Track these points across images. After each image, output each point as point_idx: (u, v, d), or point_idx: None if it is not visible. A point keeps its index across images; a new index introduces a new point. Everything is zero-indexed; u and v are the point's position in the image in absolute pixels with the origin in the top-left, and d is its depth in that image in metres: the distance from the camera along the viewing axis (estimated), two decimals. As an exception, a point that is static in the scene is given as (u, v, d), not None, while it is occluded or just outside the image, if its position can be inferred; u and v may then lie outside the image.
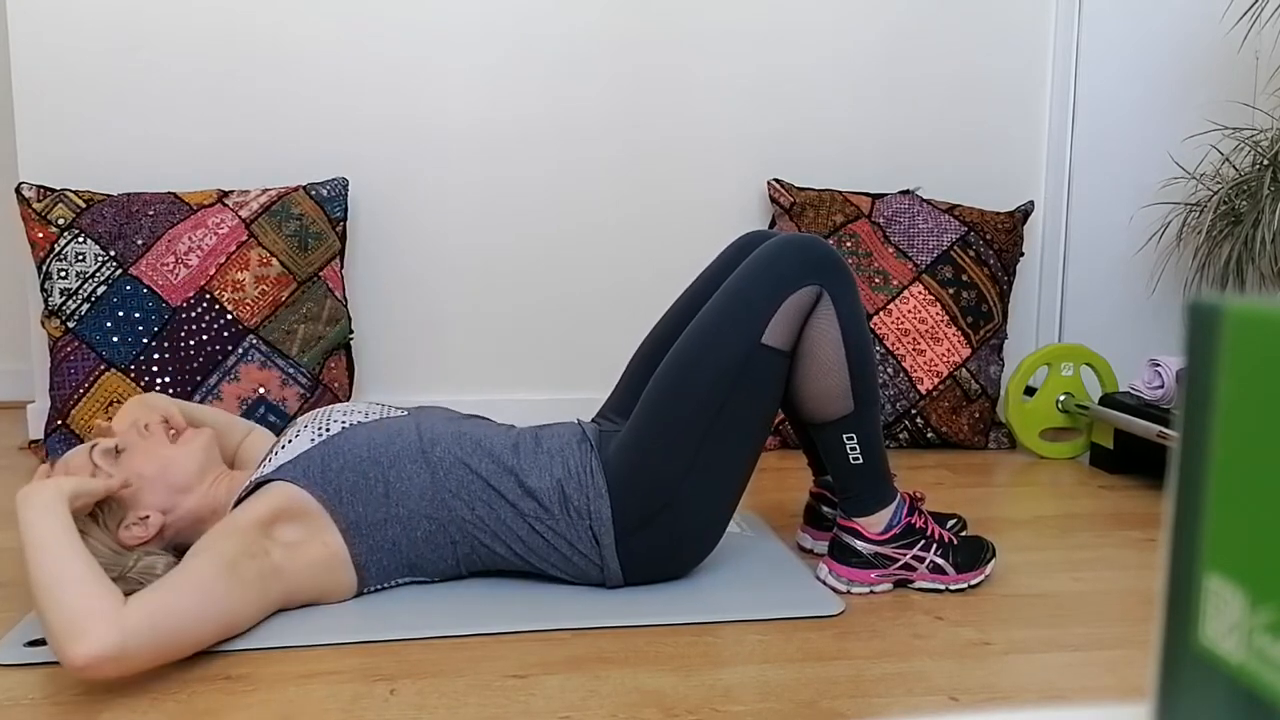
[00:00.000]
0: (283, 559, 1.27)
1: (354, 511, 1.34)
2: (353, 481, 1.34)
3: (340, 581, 1.34)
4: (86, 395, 2.10)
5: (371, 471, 1.35)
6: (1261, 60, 2.47)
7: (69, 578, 1.08)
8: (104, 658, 1.04)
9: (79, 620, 1.05)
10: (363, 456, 1.36)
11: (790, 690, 1.15)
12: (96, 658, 1.04)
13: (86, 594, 1.07)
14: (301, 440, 1.39)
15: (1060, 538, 1.72)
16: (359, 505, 1.34)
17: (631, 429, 1.40)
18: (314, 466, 1.35)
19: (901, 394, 2.32)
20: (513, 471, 1.38)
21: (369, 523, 1.34)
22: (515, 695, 1.13)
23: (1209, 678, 0.28)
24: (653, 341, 1.58)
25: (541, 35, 2.41)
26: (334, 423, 1.41)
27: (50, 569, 1.09)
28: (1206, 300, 0.29)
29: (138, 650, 1.07)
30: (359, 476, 1.35)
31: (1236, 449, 0.27)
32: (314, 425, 1.42)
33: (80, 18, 2.26)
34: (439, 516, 1.37)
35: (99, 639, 1.04)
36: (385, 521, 1.35)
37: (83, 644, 1.04)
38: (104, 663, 1.05)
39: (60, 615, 1.06)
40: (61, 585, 1.07)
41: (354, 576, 1.36)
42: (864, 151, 2.56)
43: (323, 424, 1.42)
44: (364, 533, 1.34)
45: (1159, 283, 2.58)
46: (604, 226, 2.49)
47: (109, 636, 1.05)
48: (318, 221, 2.24)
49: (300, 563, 1.30)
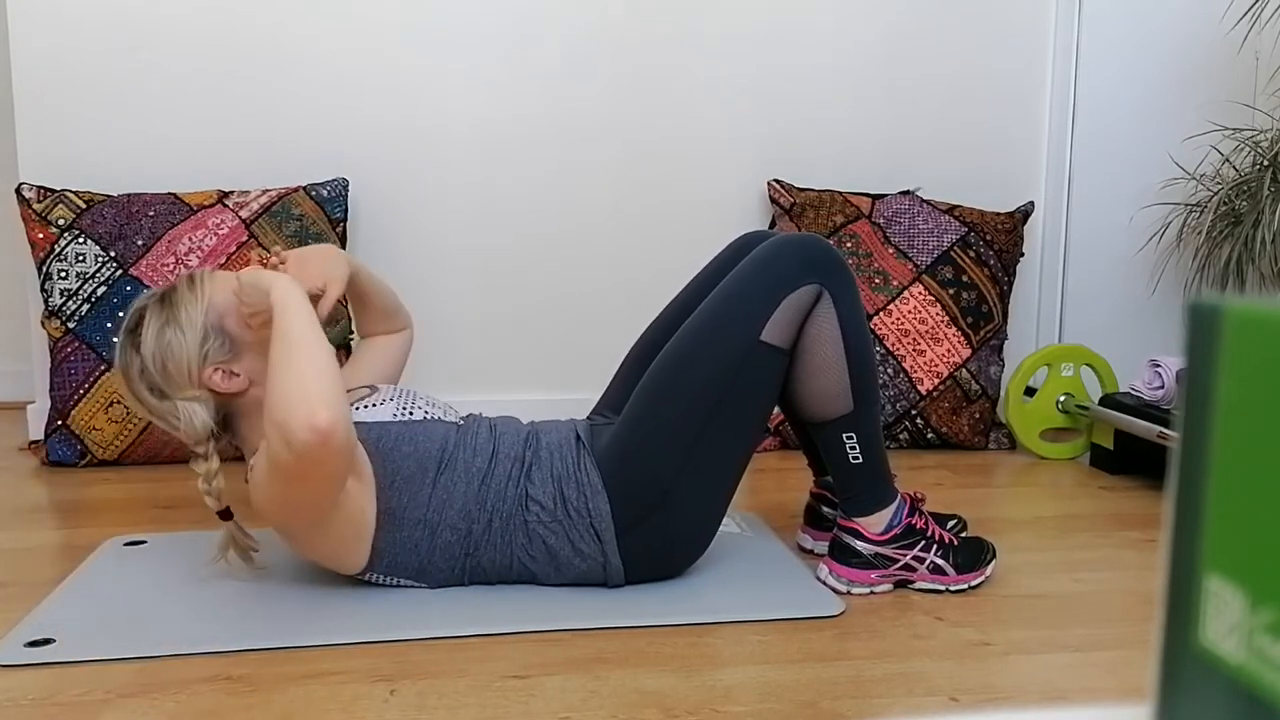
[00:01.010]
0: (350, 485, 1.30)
1: (398, 500, 1.33)
2: (410, 472, 1.34)
3: (352, 552, 1.34)
4: (87, 396, 2.10)
5: (431, 469, 1.35)
6: (1261, 61, 2.47)
7: (330, 361, 1.20)
8: (331, 433, 1.15)
9: (335, 396, 1.16)
10: (430, 453, 1.36)
11: (790, 691, 1.15)
12: (330, 428, 1.14)
13: (339, 382, 1.19)
14: (383, 410, 1.39)
15: (1060, 538, 1.72)
16: (405, 495, 1.34)
17: (624, 423, 1.39)
18: (387, 440, 1.35)
19: (901, 394, 2.32)
20: (530, 478, 1.38)
21: (405, 517, 1.34)
22: (515, 696, 1.13)
23: (1209, 678, 0.28)
24: (648, 338, 1.58)
25: (541, 36, 2.42)
26: (417, 409, 1.41)
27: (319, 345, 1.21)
28: (1206, 301, 0.29)
29: (343, 446, 1.17)
30: (418, 469, 1.34)
31: (1236, 450, 0.27)
32: (398, 400, 1.42)
33: (80, 18, 2.26)
34: (462, 528, 1.36)
35: (343, 419, 1.16)
36: (419, 522, 1.35)
37: (329, 411, 1.15)
38: (329, 437, 1.15)
39: (319, 384, 1.16)
40: (328, 366, 1.19)
41: (365, 556, 1.35)
42: (864, 152, 2.56)
43: (407, 404, 1.42)
44: (396, 524, 1.34)
45: (1159, 283, 2.58)
46: (604, 227, 2.49)
47: (345, 423, 1.17)
48: (318, 222, 2.24)
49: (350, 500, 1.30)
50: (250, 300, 1.30)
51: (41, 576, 1.48)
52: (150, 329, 1.33)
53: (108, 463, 2.14)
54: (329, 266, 1.43)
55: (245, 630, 1.27)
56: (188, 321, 1.33)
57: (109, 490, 1.96)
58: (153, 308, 1.35)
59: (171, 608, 1.35)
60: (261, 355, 1.34)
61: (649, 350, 1.55)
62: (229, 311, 1.34)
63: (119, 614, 1.33)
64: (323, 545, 1.32)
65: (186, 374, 1.32)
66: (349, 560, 1.35)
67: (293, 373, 1.17)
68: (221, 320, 1.34)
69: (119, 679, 1.16)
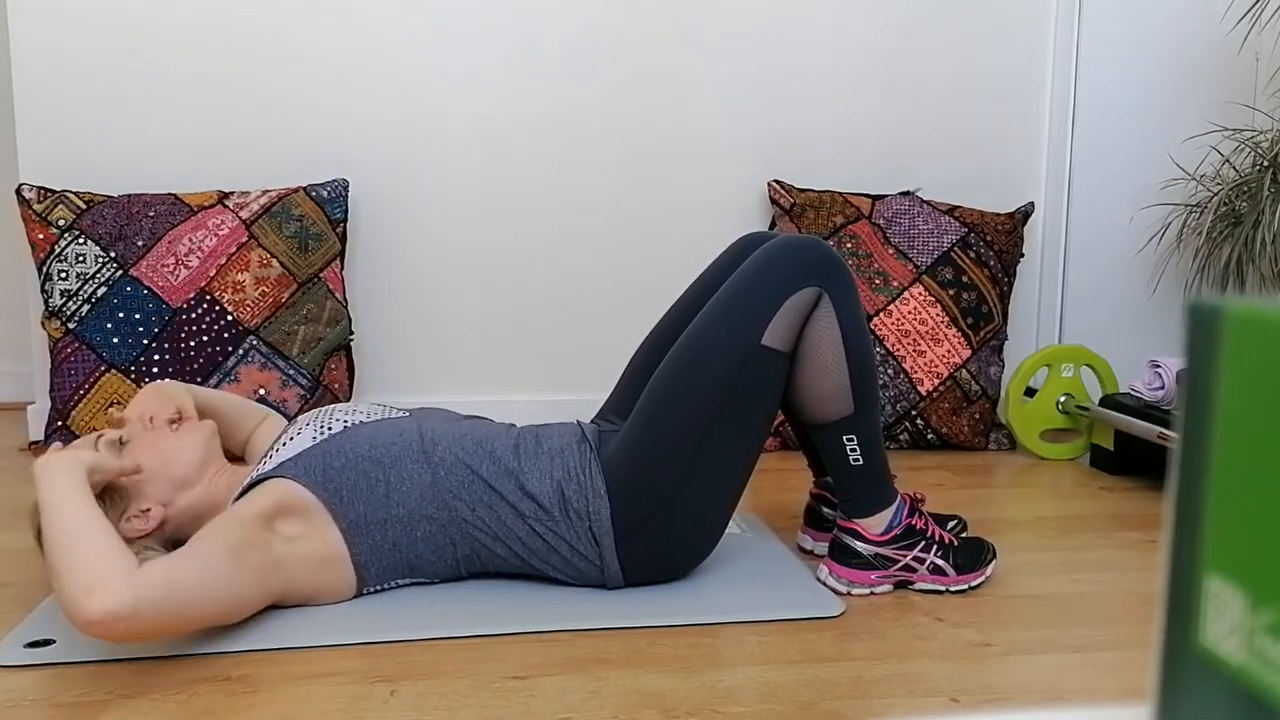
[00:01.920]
0: (284, 552, 1.28)
1: (354, 511, 1.34)
2: (354, 481, 1.34)
3: (340, 580, 1.34)
4: (87, 396, 2.10)
5: (373, 471, 1.35)
6: (1261, 61, 2.47)
7: (88, 537, 1.09)
8: (116, 615, 1.05)
9: (95, 577, 1.06)
10: (364, 456, 1.36)
11: (791, 691, 1.15)
12: (110, 614, 1.05)
13: (104, 553, 1.09)
14: (303, 438, 1.39)
15: (1060, 539, 1.72)
16: (360, 504, 1.34)
17: (630, 429, 1.40)
18: (315, 464, 1.35)
19: (902, 395, 2.32)
20: (513, 473, 1.38)
21: (369, 522, 1.34)
22: (515, 696, 1.13)
23: (1210, 679, 0.28)
24: (652, 342, 1.58)
25: (542, 36, 2.42)
26: (336, 421, 1.41)
27: (70, 529, 1.10)
28: (1207, 301, 0.29)
29: (149, 613, 1.08)
30: (360, 476, 1.35)
31: (1237, 450, 0.27)
32: (316, 423, 1.42)
33: (80, 18, 2.26)
34: (439, 517, 1.37)
35: (113, 596, 1.05)
36: (386, 522, 1.35)
37: (97, 599, 1.04)
38: (116, 620, 1.05)
39: (76, 571, 1.07)
40: (80, 544, 1.09)
41: (354, 576, 1.36)
42: (864, 152, 2.56)
43: (325, 422, 1.42)
44: (364, 532, 1.34)
45: (1159, 284, 2.58)
46: (604, 227, 2.49)
47: (124, 594, 1.05)
48: (318, 223, 2.24)
49: (300, 557, 1.30)
50: None
51: (42, 577, 1.48)
52: None
53: (108, 463, 2.14)
54: (164, 394, 1.44)
55: (245, 631, 1.27)
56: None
57: (109, 491, 1.96)
58: None
59: (172, 608, 1.35)
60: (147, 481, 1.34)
61: (653, 355, 1.55)
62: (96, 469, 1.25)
63: (119, 614, 1.33)
64: (308, 590, 1.33)
65: None
66: (339, 589, 1.35)
67: (53, 566, 1.09)
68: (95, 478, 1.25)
69: (119, 679, 1.16)
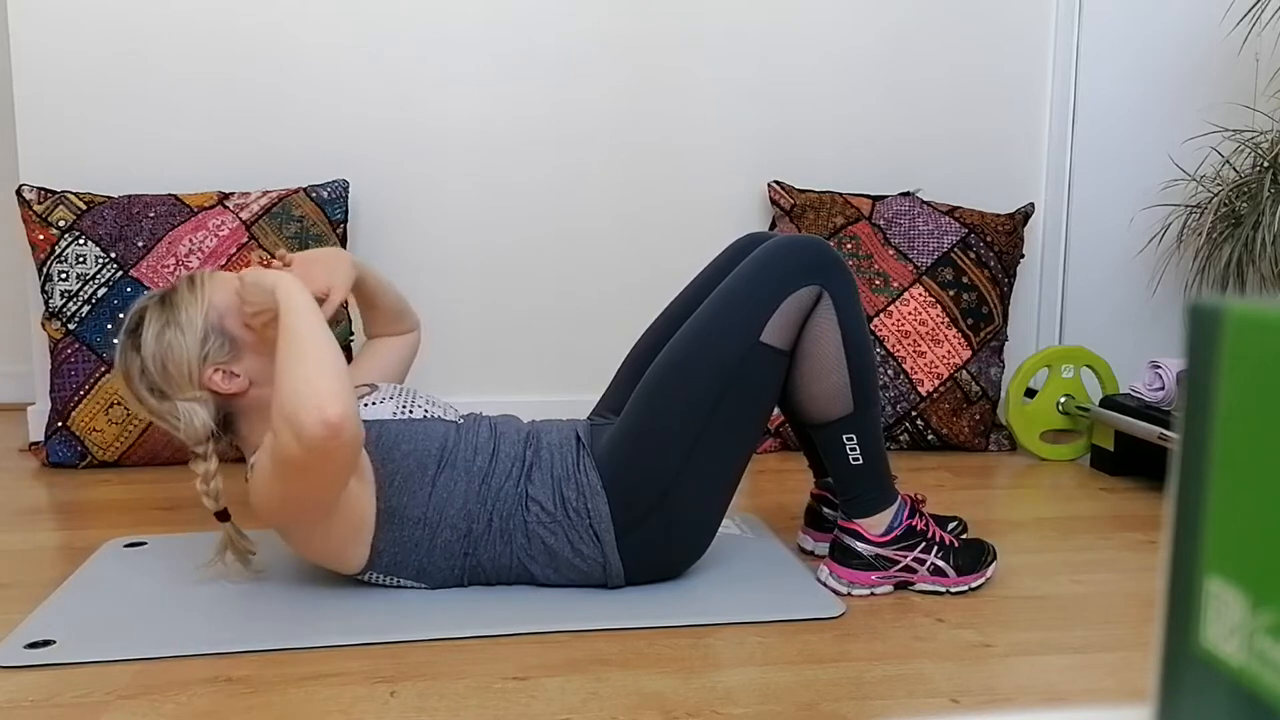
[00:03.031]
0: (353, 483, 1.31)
1: (398, 499, 1.34)
2: (409, 470, 1.34)
3: (353, 551, 1.34)
4: (87, 397, 2.10)
5: (430, 468, 1.35)
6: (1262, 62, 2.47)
7: (337, 358, 1.21)
8: (341, 427, 1.16)
9: (343, 390, 1.17)
10: (429, 451, 1.36)
11: (791, 692, 1.15)
12: (339, 420, 1.15)
13: (346, 377, 1.20)
14: (383, 409, 1.39)
15: (1061, 540, 1.72)
16: (404, 494, 1.34)
17: (624, 423, 1.39)
18: (387, 439, 1.35)
19: (902, 396, 2.32)
20: (524, 477, 1.38)
21: (404, 516, 1.34)
22: (515, 697, 1.13)
23: (1210, 680, 0.28)
24: (649, 339, 1.58)
25: (542, 38, 2.42)
26: (417, 407, 1.42)
27: (326, 342, 1.22)
28: (1207, 302, 0.29)
29: (353, 439, 1.18)
30: (417, 468, 1.35)
31: (1237, 451, 0.27)
32: (398, 399, 1.42)
33: (81, 20, 2.26)
34: (461, 527, 1.36)
35: (349, 409, 1.17)
36: (419, 521, 1.35)
37: (337, 406, 1.16)
38: (340, 431, 1.16)
39: (330, 379, 1.17)
40: (334, 360, 1.20)
41: (365, 555, 1.35)
42: (864, 153, 2.56)
43: (406, 403, 1.42)
44: (395, 523, 1.34)
45: (1159, 285, 2.58)
46: (604, 228, 2.49)
47: (354, 415, 1.18)
48: (318, 224, 2.24)
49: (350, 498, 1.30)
50: (254, 299, 1.30)
51: (42, 578, 1.48)
52: (150, 329, 1.34)
53: (108, 464, 2.14)
54: (334, 270, 1.43)
55: (245, 632, 1.27)
56: (188, 322, 1.33)
57: (109, 492, 1.96)
58: (153, 308, 1.35)
59: (172, 609, 1.35)
60: (262, 356, 1.35)
61: (649, 351, 1.55)
62: (229, 312, 1.34)
63: (119, 615, 1.33)
64: (322, 545, 1.32)
65: (187, 375, 1.32)
66: (349, 560, 1.35)
67: (302, 368, 1.18)
68: (222, 321, 1.34)
69: (119, 680, 1.16)
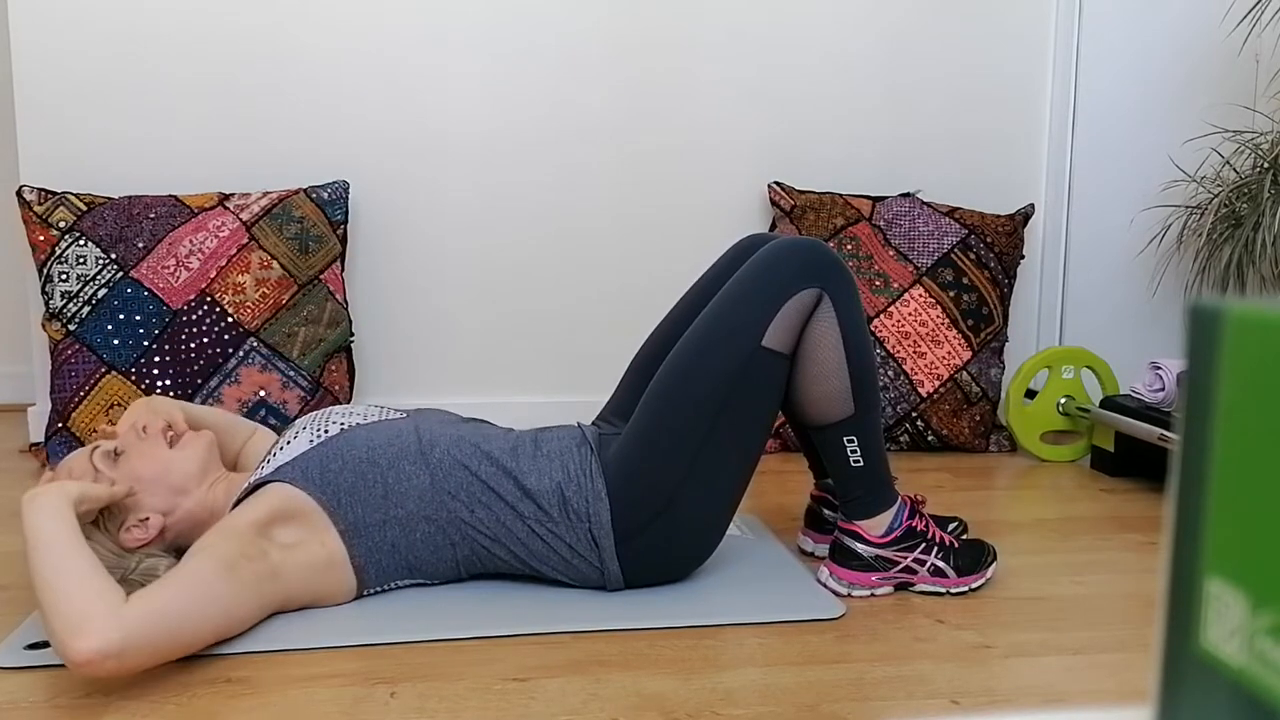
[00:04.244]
0: (280, 560, 1.27)
1: (353, 513, 1.34)
2: (351, 483, 1.34)
3: (339, 583, 1.34)
4: (87, 398, 2.10)
5: (370, 473, 1.35)
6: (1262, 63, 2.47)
7: (73, 576, 1.09)
8: (104, 654, 1.05)
9: (81, 617, 1.06)
10: (361, 458, 1.36)
11: (791, 693, 1.15)
12: (97, 654, 1.05)
13: (89, 592, 1.08)
14: (300, 442, 1.39)
15: (1061, 541, 1.72)
16: (358, 507, 1.34)
17: (631, 432, 1.40)
18: (313, 468, 1.35)
19: (902, 397, 2.32)
20: (511, 474, 1.38)
21: (367, 524, 1.34)
22: (515, 698, 1.13)
23: (1210, 681, 0.28)
24: (653, 344, 1.58)
25: (543, 39, 2.42)
26: (332, 424, 1.41)
27: (55, 567, 1.10)
28: (1207, 303, 0.29)
29: (138, 648, 1.08)
30: (358, 478, 1.35)
31: (1237, 452, 0.27)
32: (312, 427, 1.42)
33: (82, 21, 2.27)
34: (438, 518, 1.37)
35: (100, 636, 1.05)
36: (384, 523, 1.35)
37: (84, 640, 1.04)
38: (104, 659, 1.05)
39: (62, 613, 1.07)
40: (65, 584, 1.09)
41: (353, 578, 1.36)
42: (864, 154, 2.56)
43: (321, 426, 1.42)
44: (363, 534, 1.34)
45: (1159, 285, 2.58)
46: (605, 230, 2.49)
47: (110, 634, 1.05)
48: (318, 224, 2.24)
49: (298, 564, 1.30)
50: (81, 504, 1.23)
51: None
52: None
53: (108, 465, 2.14)
54: (155, 408, 1.43)
55: (245, 632, 1.27)
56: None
57: (109, 493, 1.96)
58: None
59: (172, 610, 1.35)
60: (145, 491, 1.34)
61: (653, 357, 1.55)
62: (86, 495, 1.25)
63: (119, 616, 1.33)
64: (307, 596, 1.32)
65: (115, 555, 1.30)
66: (339, 591, 1.35)
67: (41, 606, 1.09)
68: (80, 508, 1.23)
69: (119, 681, 1.15)
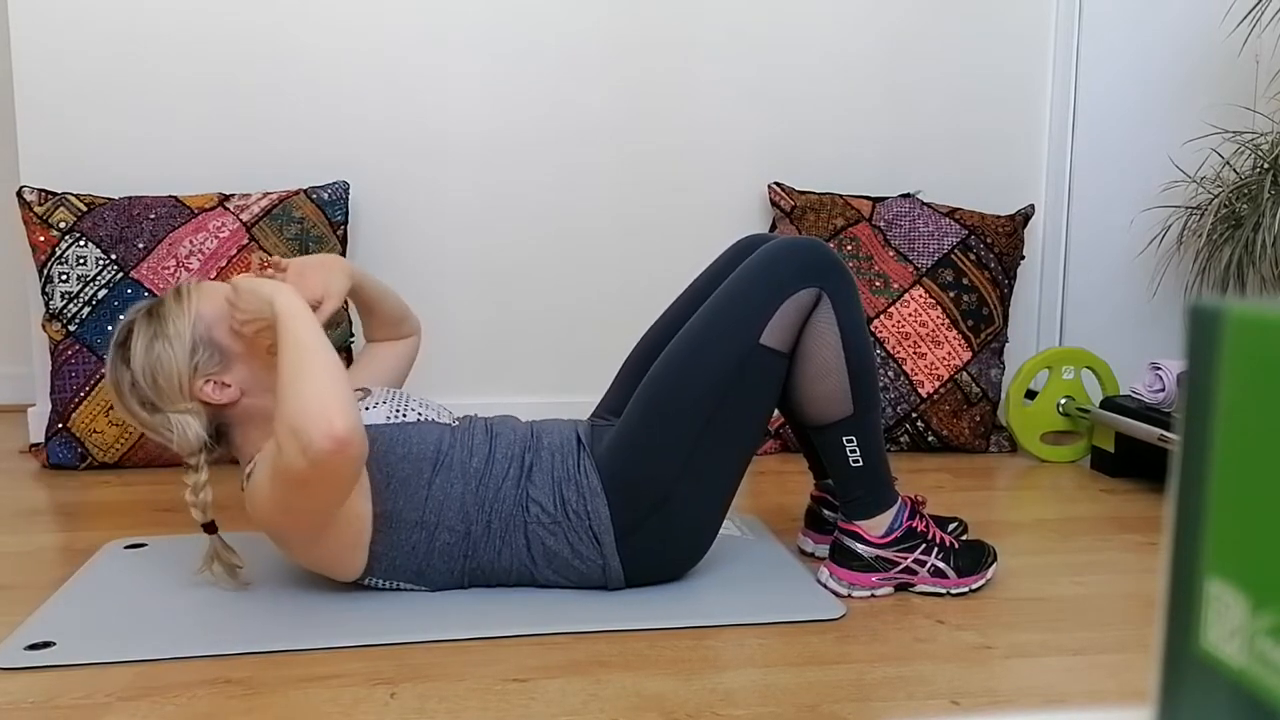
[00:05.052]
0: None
1: (394, 503, 1.33)
2: (405, 474, 1.34)
3: (350, 557, 1.34)
4: (87, 399, 2.10)
5: (426, 471, 1.35)
6: (1262, 64, 2.47)
7: (339, 369, 1.20)
8: (346, 442, 1.15)
9: (341, 409, 1.16)
10: (424, 455, 1.35)
11: (791, 694, 1.15)
12: (348, 436, 1.15)
13: (348, 394, 1.19)
14: (377, 414, 1.38)
15: (1061, 541, 1.72)
16: (401, 498, 1.33)
17: (624, 426, 1.39)
18: (381, 443, 1.34)
19: (902, 397, 2.32)
20: (523, 478, 1.38)
21: (401, 520, 1.34)
22: (515, 699, 1.13)
23: (1211, 682, 0.28)
24: (649, 341, 1.58)
25: (543, 40, 2.42)
26: (410, 410, 1.41)
27: (328, 355, 1.21)
28: (1207, 303, 0.29)
29: (354, 455, 1.17)
30: (414, 471, 1.34)
31: (1238, 452, 0.27)
32: (391, 403, 1.41)
33: (81, 21, 2.27)
34: (460, 529, 1.36)
35: (356, 426, 1.16)
36: (416, 524, 1.35)
37: (344, 420, 1.15)
38: (346, 444, 1.15)
39: (333, 393, 1.16)
40: (338, 375, 1.19)
41: (363, 561, 1.35)
42: (865, 155, 2.56)
43: (400, 407, 1.41)
44: (392, 527, 1.34)
45: (1160, 286, 2.58)
46: (605, 230, 2.49)
47: (358, 428, 1.17)
48: (319, 225, 2.24)
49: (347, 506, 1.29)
50: (248, 307, 1.29)
51: (42, 579, 1.48)
52: (139, 342, 1.33)
53: (108, 466, 2.14)
54: (329, 278, 1.43)
55: (245, 633, 1.27)
56: (176, 334, 1.32)
57: (109, 493, 1.96)
58: (141, 321, 1.35)
59: (171, 611, 1.35)
60: (253, 365, 1.35)
61: (649, 353, 1.55)
62: (218, 322, 1.33)
63: (119, 617, 1.33)
64: (321, 553, 1.32)
65: (177, 387, 1.32)
66: (348, 567, 1.35)
67: (306, 381, 1.17)
68: (210, 332, 1.33)
69: (119, 682, 1.15)
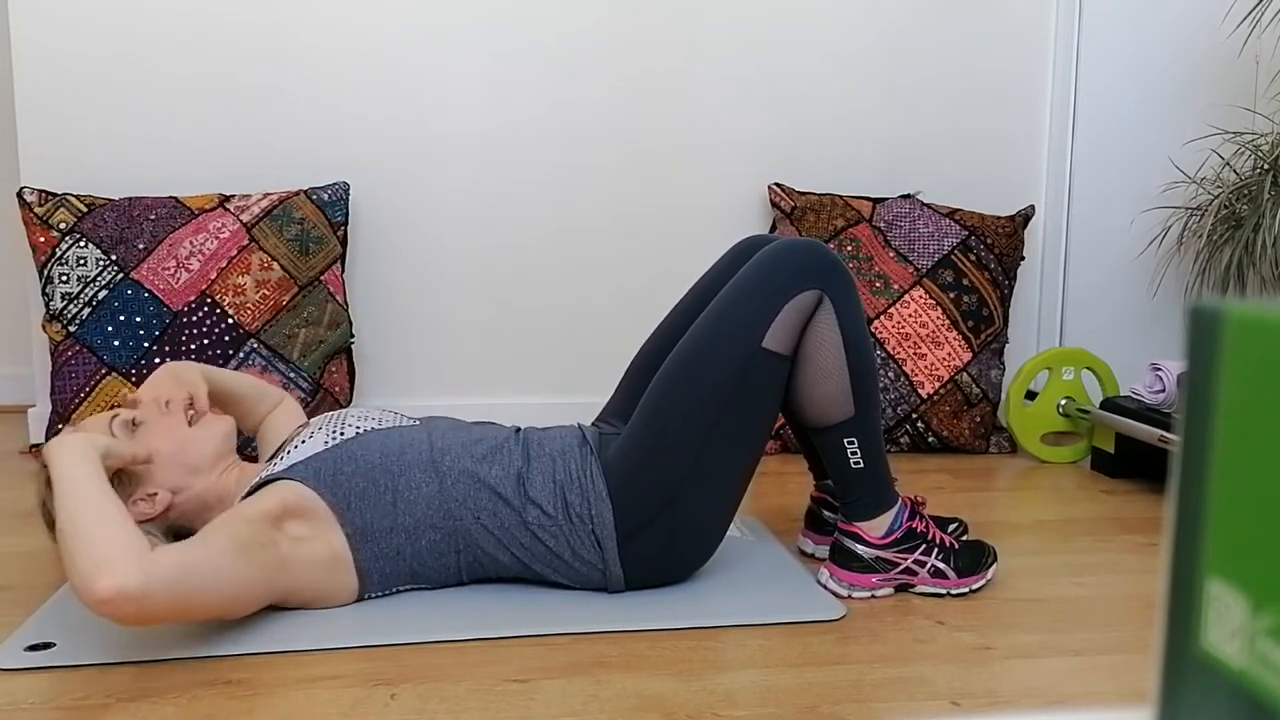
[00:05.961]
0: (289, 553, 1.28)
1: (361, 518, 1.34)
2: (362, 488, 1.34)
3: (341, 585, 1.34)
4: (87, 399, 2.10)
5: (382, 479, 1.35)
6: (1262, 64, 2.47)
7: (103, 517, 1.10)
8: (127, 595, 1.05)
9: (109, 556, 1.06)
10: (375, 464, 1.36)
11: (791, 695, 1.15)
12: (121, 593, 1.04)
13: (119, 535, 1.08)
14: (315, 442, 1.39)
15: (1061, 542, 1.72)
16: (366, 512, 1.34)
17: (631, 432, 1.40)
18: (325, 469, 1.35)
19: (902, 398, 2.32)
20: (519, 478, 1.38)
21: (375, 530, 1.34)
22: (516, 700, 1.13)
23: (1211, 682, 0.28)
24: (653, 345, 1.58)
25: (543, 40, 2.42)
26: (349, 427, 1.41)
27: (84, 508, 1.10)
28: (1207, 304, 0.29)
29: (159, 596, 1.07)
30: (369, 483, 1.35)
31: (1238, 453, 0.27)
32: (328, 428, 1.42)
33: (82, 22, 2.27)
34: (444, 526, 1.36)
35: (125, 575, 1.05)
36: (391, 530, 1.35)
37: (109, 578, 1.04)
38: (127, 600, 1.05)
39: (91, 550, 1.06)
40: (95, 523, 1.09)
41: (355, 582, 1.35)
42: (865, 156, 2.56)
43: (337, 427, 1.42)
44: (369, 539, 1.34)
45: (1160, 287, 2.58)
46: (605, 231, 2.49)
47: (135, 575, 1.05)
48: (319, 225, 2.24)
49: (305, 559, 1.29)
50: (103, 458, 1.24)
51: (42, 580, 1.48)
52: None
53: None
54: (178, 377, 1.44)
55: (245, 634, 1.27)
56: None
57: (110, 494, 1.96)
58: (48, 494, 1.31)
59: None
60: (163, 462, 1.35)
61: (653, 358, 1.55)
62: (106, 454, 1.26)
63: (119, 618, 1.33)
64: (310, 593, 1.32)
65: None
66: (340, 594, 1.35)
67: (65, 545, 1.10)
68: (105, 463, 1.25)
69: (119, 683, 1.15)
